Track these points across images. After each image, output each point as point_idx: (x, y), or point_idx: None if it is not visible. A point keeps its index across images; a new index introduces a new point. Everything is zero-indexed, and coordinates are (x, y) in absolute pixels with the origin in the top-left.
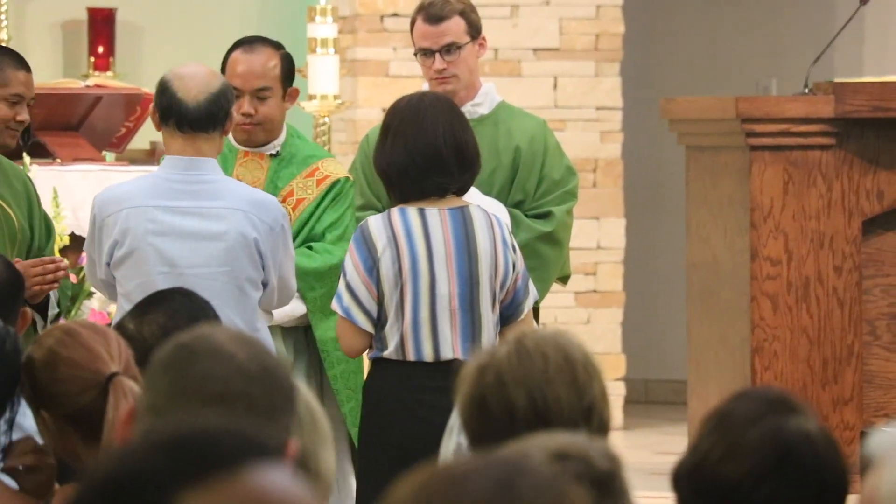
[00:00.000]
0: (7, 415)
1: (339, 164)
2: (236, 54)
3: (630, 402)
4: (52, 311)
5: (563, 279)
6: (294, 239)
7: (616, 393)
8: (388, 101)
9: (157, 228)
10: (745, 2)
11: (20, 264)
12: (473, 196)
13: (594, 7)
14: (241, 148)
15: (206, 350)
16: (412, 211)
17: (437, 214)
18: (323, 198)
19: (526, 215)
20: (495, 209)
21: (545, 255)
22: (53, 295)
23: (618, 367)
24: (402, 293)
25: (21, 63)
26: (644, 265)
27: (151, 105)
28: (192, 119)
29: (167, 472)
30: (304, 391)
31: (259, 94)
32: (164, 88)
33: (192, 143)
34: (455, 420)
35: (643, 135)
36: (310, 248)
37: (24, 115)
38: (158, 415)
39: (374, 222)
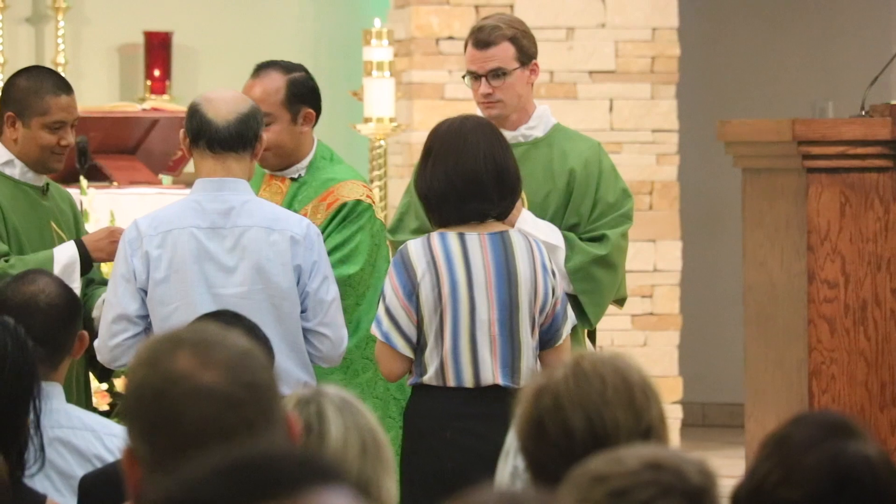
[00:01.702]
0: (30, 416)
1: (355, 187)
2: (248, 81)
3: (687, 425)
4: None
5: (620, 302)
6: None
7: (673, 416)
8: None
9: (196, 250)
10: (801, 24)
11: (88, 238)
12: (528, 220)
13: (650, 30)
14: (266, 170)
15: (185, 394)
16: (452, 236)
17: (477, 239)
18: (330, 221)
19: (580, 238)
20: (549, 233)
21: (600, 279)
22: None
23: (674, 391)
24: (442, 318)
25: (61, 87)
26: (701, 288)
27: (182, 130)
28: (221, 139)
29: (228, 497)
30: (371, 418)
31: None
32: (193, 112)
33: (223, 164)
34: (511, 443)
35: (699, 157)
36: None
37: (68, 139)
38: (165, 468)
39: (414, 247)
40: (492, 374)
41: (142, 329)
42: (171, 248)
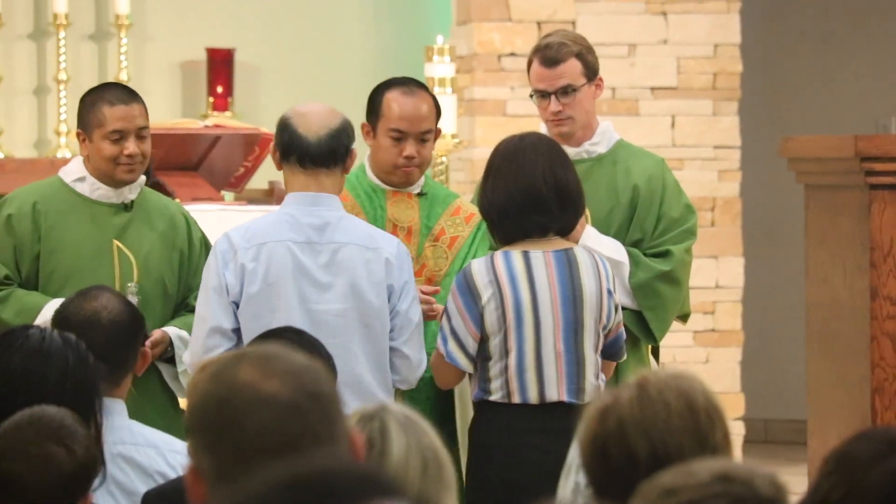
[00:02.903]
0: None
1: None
2: (403, 97)
3: (749, 441)
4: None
5: (683, 317)
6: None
7: (735, 433)
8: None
9: (292, 264)
10: (863, 40)
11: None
12: (591, 236)
13: (712, 46)
14: (387, 187)
15: (248, 402)
16: (516, 254)
17: (542, 257)
18: (475, 235)
19: (644, 254)
20: (613, 249)
21: (664, 295)
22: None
23: (737, 407)
24: (506, 336)
25: (118, 97)
26: (763, 304)
27: (272, 144)
28: (313, 154)
29: None
30: (434, 437)
31: (423, 137)
32: (284, 126)
33: (315, 179)
34: (573, 459)
35: (761, 173)
36: None
37: (132, 149)
38: (230, 479)
39: (478, 266)
40: (557, 391)
41: (235, 343)
42: (265, 262)
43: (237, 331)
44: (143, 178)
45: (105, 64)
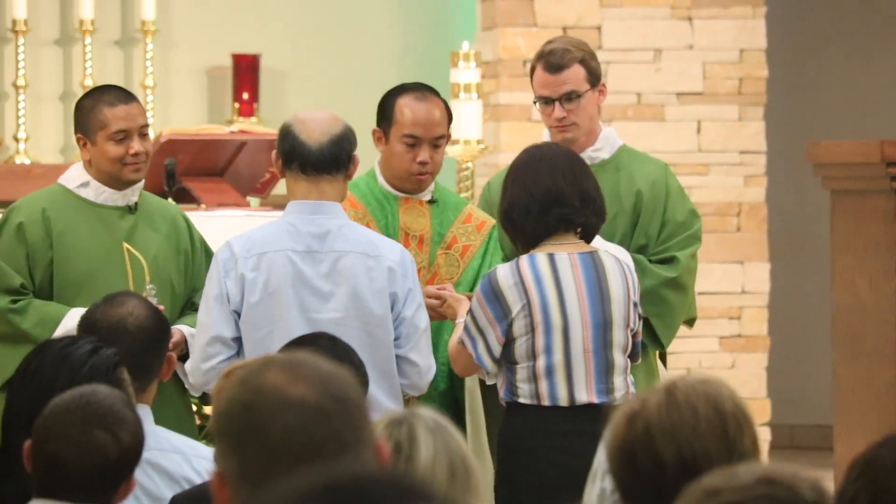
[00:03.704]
0: None
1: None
2: (416, 103)
3: (775, 447)
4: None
5: (690, 322)
6: (472, 287)
7: (761, 438)
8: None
9: (292, 273)
10: (889, 44)
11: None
12: (597, 243)
13: (737, 51)
14: (399, 194)
15: (274, 405)
16: (541, 257)
17: (567, 259)
18: (487, 245)
19: (650, 259)
20: (618, 255)
21: (670, 301)
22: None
23: (763, 413)
24: (534, 338)
25: (118, 97)
26: (789, 309)
27: (274, 152)
28: (315, 161)
29: None
30: (462, 443)
31: (436, 142)
32: (286, 133)
33: (316, 186)
34: (599, 464)
35: (787, 179)
36: None
37: (137, 147)
38: (254, 484)
39: (503, 271)
40: (586, 392)
41: (235, 352)
42: (266, 271)
43: (238, 339)
44: (142, 180)
45: (131, 70)
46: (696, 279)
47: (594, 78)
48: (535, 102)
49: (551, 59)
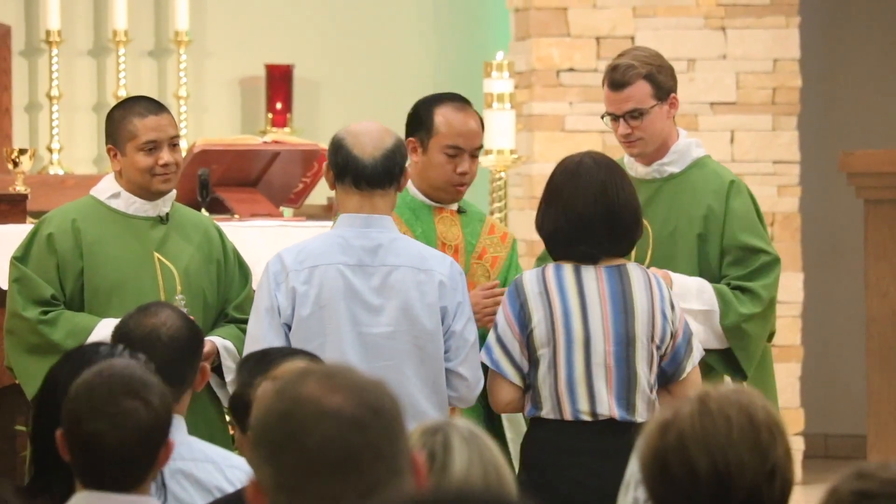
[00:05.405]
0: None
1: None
2: (455, 113)
3: (809, 456)
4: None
5: (769, 337)
6: None
7: (795, 448)
8: (564, 156)
9: (343, 287)
10: None
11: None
12: (676, 284)
13: (771, 61)
14: (433, 203)
15: (311, 415)
16: (567, 267)
17: (593, 271)
18: (511, 257)
19: (730, 285)
20: (700, 297)
21: (752, 334)
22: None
23: (797, 422)
24: (556, 349)
25: (148, 108)
26: (822, 319)
27: (325, 164)
28: (368, 176)
29: None
30: (497, 453)
31: (474, 153)
32: (338, 146)
33: (369, 200)
34: (631, 474)
35: (821, 188)
36: None
37: (167, 158)
38: (291, 492)
39: (528, 277)
40: (608, 406)
41: None
42: (317, 285)
43: None
44: (174, 191)
45: (164, 80)
46: (776, 298)
47: (662, 92)
48: (603, 118)
49: (614, 76)
